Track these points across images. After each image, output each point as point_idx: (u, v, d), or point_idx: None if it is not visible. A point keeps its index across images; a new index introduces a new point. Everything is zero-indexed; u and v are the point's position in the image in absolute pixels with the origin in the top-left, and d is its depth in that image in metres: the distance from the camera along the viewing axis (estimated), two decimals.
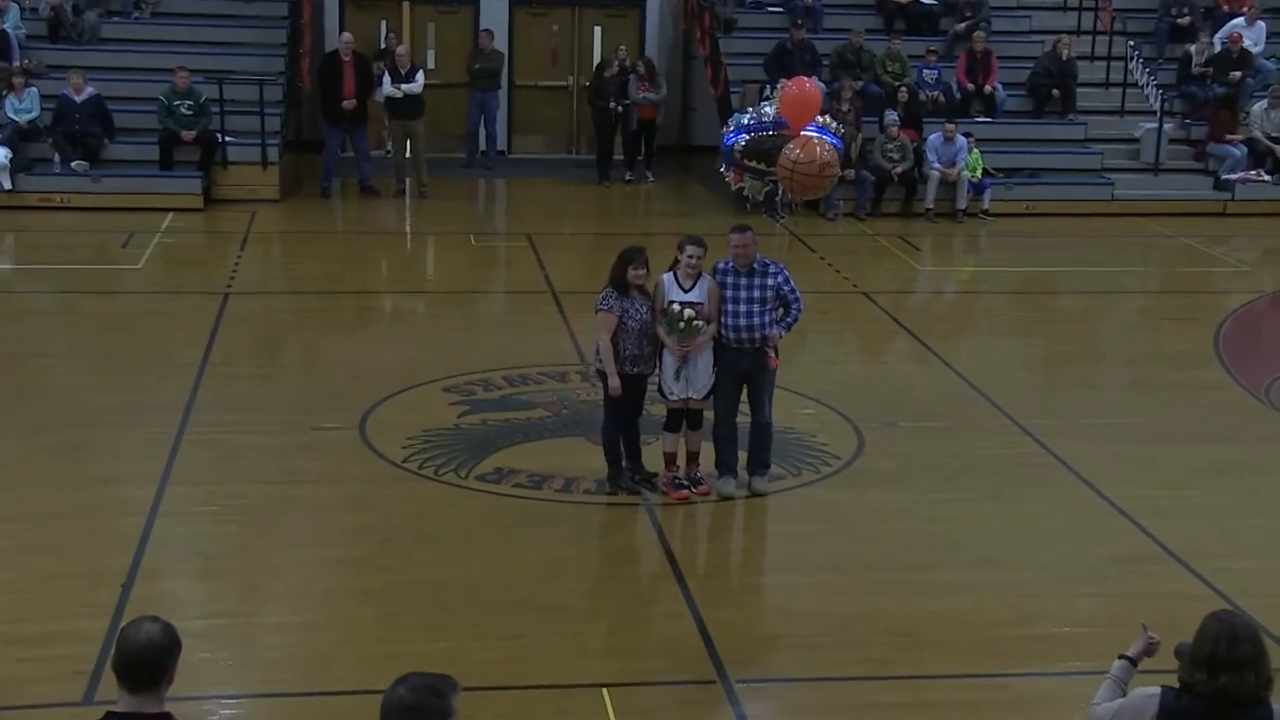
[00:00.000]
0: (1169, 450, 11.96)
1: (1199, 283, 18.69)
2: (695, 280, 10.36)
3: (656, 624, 8.88)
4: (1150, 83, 23.49)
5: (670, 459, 10.67)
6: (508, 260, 19.23)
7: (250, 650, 8.39)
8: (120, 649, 4.78)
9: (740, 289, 10.36)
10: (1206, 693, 5.08)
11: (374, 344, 14.82)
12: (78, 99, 20.11)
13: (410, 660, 5.91)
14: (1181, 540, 10.06)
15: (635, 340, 10.35)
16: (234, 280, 16.61)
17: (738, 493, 10.67)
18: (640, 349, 10.38)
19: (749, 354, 10.43)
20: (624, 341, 10.33)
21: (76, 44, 21.92)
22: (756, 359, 10.43)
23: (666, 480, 10.64)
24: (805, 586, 9.40)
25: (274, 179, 20.91)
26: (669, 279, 10.39)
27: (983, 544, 10.05)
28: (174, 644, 4.81)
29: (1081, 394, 13.89)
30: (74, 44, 21.90)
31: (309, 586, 9.20)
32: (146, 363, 13.67)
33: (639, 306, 10.36)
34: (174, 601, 8.80)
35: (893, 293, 17.33)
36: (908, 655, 8.47)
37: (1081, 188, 22.18)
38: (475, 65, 23.21)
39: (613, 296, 10.32)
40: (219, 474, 10.85)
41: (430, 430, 11.77)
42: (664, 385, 10.49)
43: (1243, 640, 5.06)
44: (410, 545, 9.75)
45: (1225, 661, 5.05)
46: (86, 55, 21.64)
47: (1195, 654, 5.12)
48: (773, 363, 10.45)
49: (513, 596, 9.01)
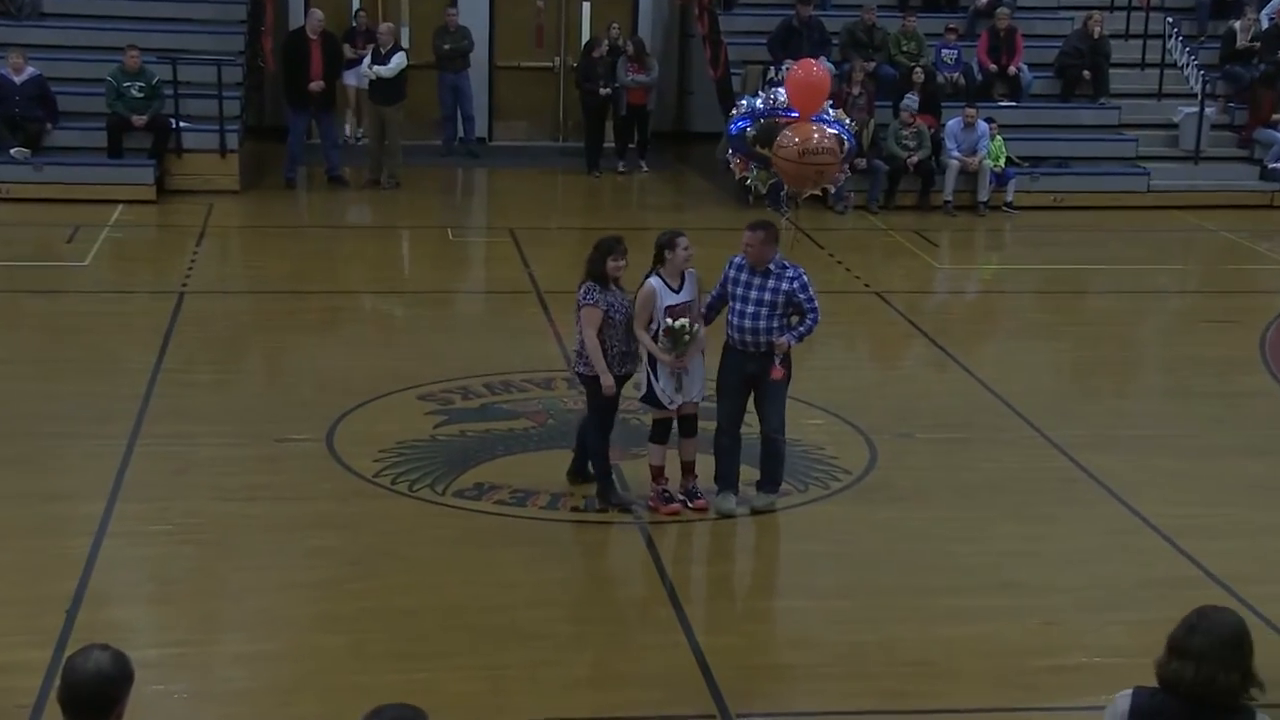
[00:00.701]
0: (1210, 464, 12.00)
1: (1243, 282, 18.73)
2: (683, 278, 10.44)
3: (650, 653, 8.89)
4: (1190, 63, 23.53)
5: (659, 472, 10.70)
6: (489, 257, 19.26)
7: (207, 682, 8.40)
8: (66, 680, 4.80)
9: (751, 288, 10.40)
10: (1178, 688, 5.08)
11: (343, 348, 14.84)
12: (17, 80, 20.11)
13: (382, 693, 5.92)
14: (1224, 563, 10.08)
15: (622, 336, 10.43)
16: (190, 279, 16.62)
17: (739, 510, 10.70)
18: (628, 345, 10.47)
19: (754, 357, 10.46)
20: (610, 338, 10.38)
21: (15, 19, 21.89)
22: (763, 363, 10.46)
23: (654, 494, 10.67)
24: (812, 612, 9.43)
25: (233, 168, 20.91)
26: (658, 284, 10.38)
27: (1005, 566, 10.07)
28: (125, 675, 4.82)
29: (1114, 403, 13.94)
30: (13, 19, 21.88)
31: (272, 613, 9.21)
32: (94, 369, 13.67)
33: (622, 300, 10.44)
34: (124, 629, 8.81)
35: (908, 293, 17.37)
36: (924, 687, 8.50)
37: (1114, 178, 22.25)
38: (444, 45, 23.19)
39: (596, 290, 10.37)
40: (173, 490, 10.85)
41: (404, 442, 11.79)
42: (661, 394, 10.50)
43: (1203, 632, 5.06)
44: (382, 567, 9.77)
45: (1179, 648, 5.06)
46: (26, 32, 21.64)
47: (1172, 640, 5.13)
48: (776, 372, 10.47)
49: (494, 623, 9.02)
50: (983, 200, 21.22)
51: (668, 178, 23.74)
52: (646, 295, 10.36)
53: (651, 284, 10.38)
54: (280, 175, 21.73)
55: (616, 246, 10.44)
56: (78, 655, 4.84)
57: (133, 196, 19.93)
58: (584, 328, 10.41)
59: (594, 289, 10.36)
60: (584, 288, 10.41)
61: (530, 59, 25.56)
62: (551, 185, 23.31)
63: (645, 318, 10.35)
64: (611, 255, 10.38)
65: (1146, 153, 22.59)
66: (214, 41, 21.84)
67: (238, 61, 21.73)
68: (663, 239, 10.46)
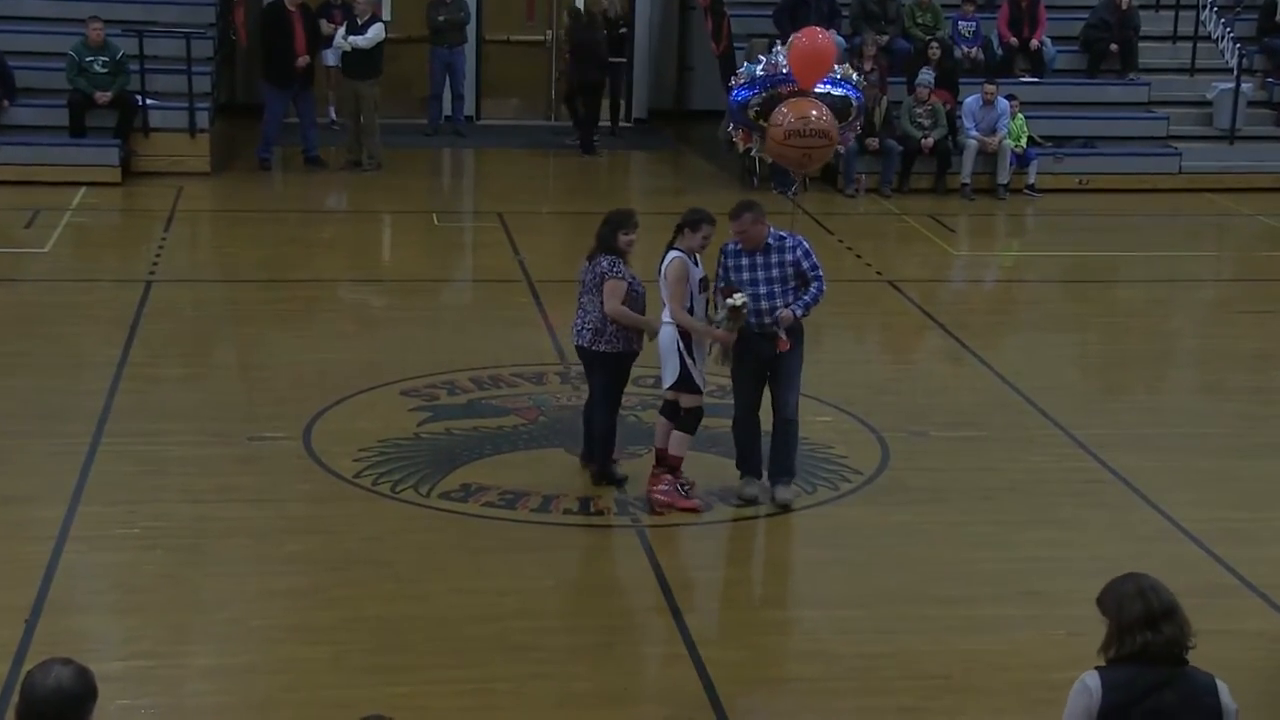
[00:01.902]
0: (1246, 465, 12.00)
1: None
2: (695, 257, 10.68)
3: (649, 666, 8.91)
4: (1225, 35, 23.54)
5: (679, 463, 10.77)
6: (476, 243, 19.27)
7: (177, 697, 8.40)
8: (25, 696, 4.79)
9: (756, 269, 10.51)
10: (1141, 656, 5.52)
11: (321, 341, 14.84)
12: None
13: (363, 708, 5.93)
14: (1263, 570, 10.10)
15: (641, 311, 10.69)
16: (157, 267, 16.62)
17: (763, 497, 10.77)
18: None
19: (769, 339, 10.56)
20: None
21: None
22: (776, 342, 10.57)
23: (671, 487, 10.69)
24: (822, 622, 9.44)
25: (204, 148, 20.92)
26: (684, 258, 10.52)
27: (1028, 574, 10.08)
28: (88, 691, 4.81)
29: (1143, 399, 13.95)
30: None
31: (245, 623, 9.20)
32: (55, 363, 13.67)
33: (634, 274, 10.74)
34: (88, 640, 8.82)
35: (923, 281, 17.38)
36: (941, 702, 8.50)
37: (1144, 159, 22.26)
38: (439, 17, 23.18)
39: (620, 263, 10.63)
40: (141, 491, 10.85)
41: (386, 440, 11.79)
42: (698, 377, 10.62)
43: (1162, 589, 5.64)
44: (363, 575, 9.76)
45: (1163, 611, 5.55)
46: None
47: (1127, 620, 5.57)
48: (782, 344, 10.54)
49: (483, 633, 9.03)
50: (1003, 183, 21.22)
51: (666, 158, 23.76)
52: (680, 270, 10.48)
53: (677, 258, 10.50)
54: (254, 156, 21.70)
55: (628, 220, 10.73)
56: (37, 670, 4.83)
57: (96, 178, 19.93)
58: (608, 300, 10.54)
59: (618, 262, 10.61)
60: (608, 260, 10.61)
61: (521, 32, 25.55)
62: (543, 166, 23.32)
63: (683, 293, 10.46)
64: (623, 229, 10.66)
65: (1178, 132, 22.60)
66: (182, 13, 21.81)
67: (208, 35, 21.72)
68: (694, 219, 10.57)
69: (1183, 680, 5.51)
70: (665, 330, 10.53)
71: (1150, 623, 5.51)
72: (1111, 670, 5.58)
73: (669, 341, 10.51)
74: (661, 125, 25.53)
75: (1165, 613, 5.53)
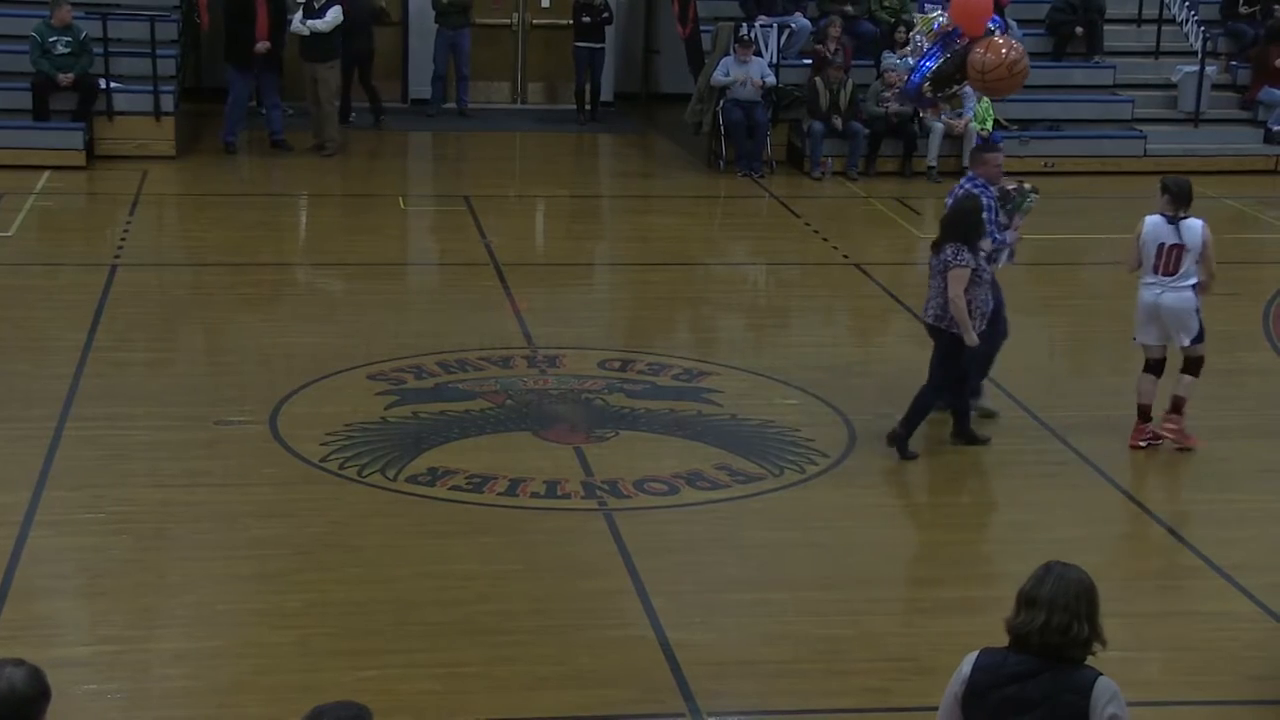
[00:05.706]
0: (1212, 447, 12.03)
1: (1246, 252, 18.75)
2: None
3: (616, 649, 8.91)
4: (1190, 19, 23.61)
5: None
6: (443, 227, 19.21)
7: (144, 681, 8.38)
8: None
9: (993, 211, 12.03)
10: (1029, 640, 5.37)
11: (287, 325, 14.82)
12: None
13: (330, 692, 5.92)
14: (1227, 552, 10.13)
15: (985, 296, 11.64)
16: (122, 250, 16.57)
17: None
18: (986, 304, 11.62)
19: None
20: (975, 297, 11.43)
21: None
22: None
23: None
24: (788, 605, 9.45)
25: (168, 132, 20.84)
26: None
27: (993, 556, 10.12)
28: (41, 693, 4.76)
29: (1110, 381, 13.95)
30: None
31: (212, 607, 9.19)
32: (19, 347, 13.63)
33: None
34: (53, 626, 8.81)
35: (890, 264, 17.39)
36: (907, 684, 8.52)
37: (1109, 142, 22.34)
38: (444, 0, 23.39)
39: (965, 250, 11.28)
40: (106, 476, 10.82)
41: (353, 425, 11.78)
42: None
43: (1054, 580, 5.37)
44: (330, 559, 9.76)
45: (1044, 598, 5.34)
46: None
47: (1020, 593, 5.45)
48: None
49: (450, 617, 9.03)
50: (968, 166, 21.19)
51: (633, 141, 23.72)
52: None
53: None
54: (219, 139, 21.62)
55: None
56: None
57: (60, 162, 19.84)
58: (954, 286, 11.25)
59: (964, 249, 11.31)
60: (954, 248, 11.35)
61: (487, 15, 25.46)
62: (510, 149, 23.27)
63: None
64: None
65: (1143, 115, 22.68)
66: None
67: (173, 17, 21.64)
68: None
69: (1055, 674, 5.34)
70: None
71: (1029, 602, 5.36)
72: (990, 652, 5.52)
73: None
74: (628, 108, 25.48)
75: (1045, 600, 5.33)
